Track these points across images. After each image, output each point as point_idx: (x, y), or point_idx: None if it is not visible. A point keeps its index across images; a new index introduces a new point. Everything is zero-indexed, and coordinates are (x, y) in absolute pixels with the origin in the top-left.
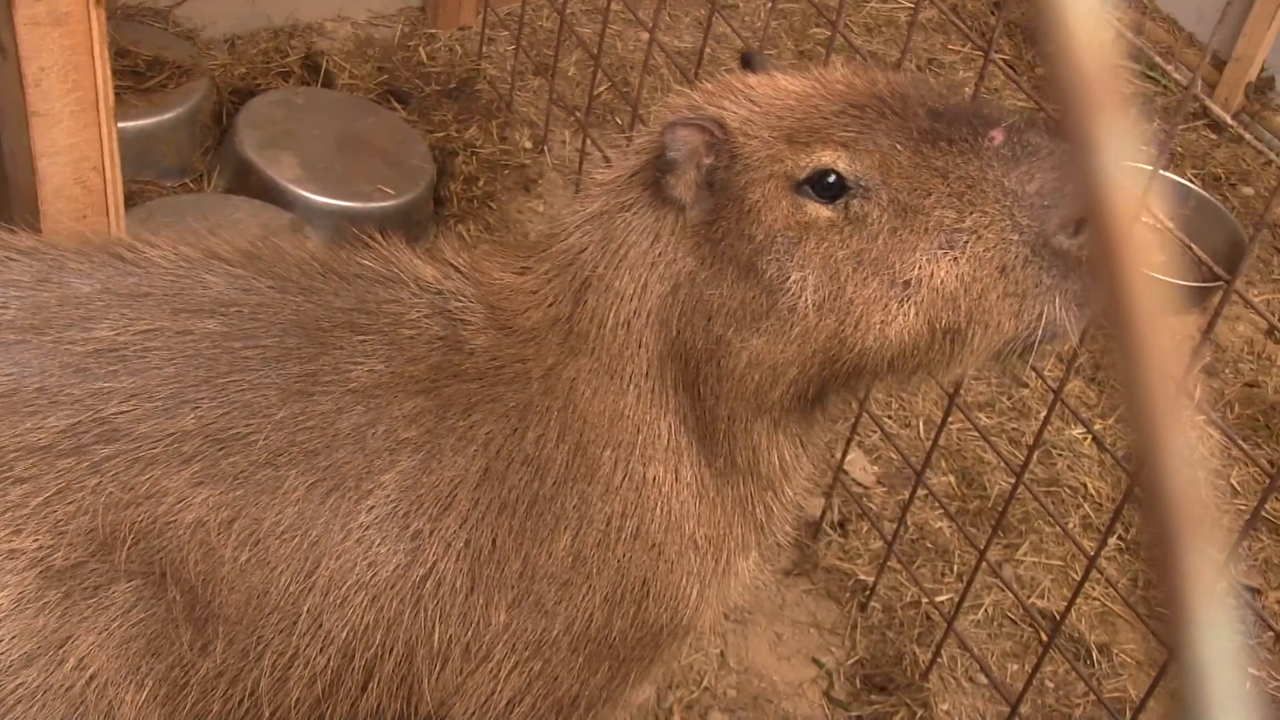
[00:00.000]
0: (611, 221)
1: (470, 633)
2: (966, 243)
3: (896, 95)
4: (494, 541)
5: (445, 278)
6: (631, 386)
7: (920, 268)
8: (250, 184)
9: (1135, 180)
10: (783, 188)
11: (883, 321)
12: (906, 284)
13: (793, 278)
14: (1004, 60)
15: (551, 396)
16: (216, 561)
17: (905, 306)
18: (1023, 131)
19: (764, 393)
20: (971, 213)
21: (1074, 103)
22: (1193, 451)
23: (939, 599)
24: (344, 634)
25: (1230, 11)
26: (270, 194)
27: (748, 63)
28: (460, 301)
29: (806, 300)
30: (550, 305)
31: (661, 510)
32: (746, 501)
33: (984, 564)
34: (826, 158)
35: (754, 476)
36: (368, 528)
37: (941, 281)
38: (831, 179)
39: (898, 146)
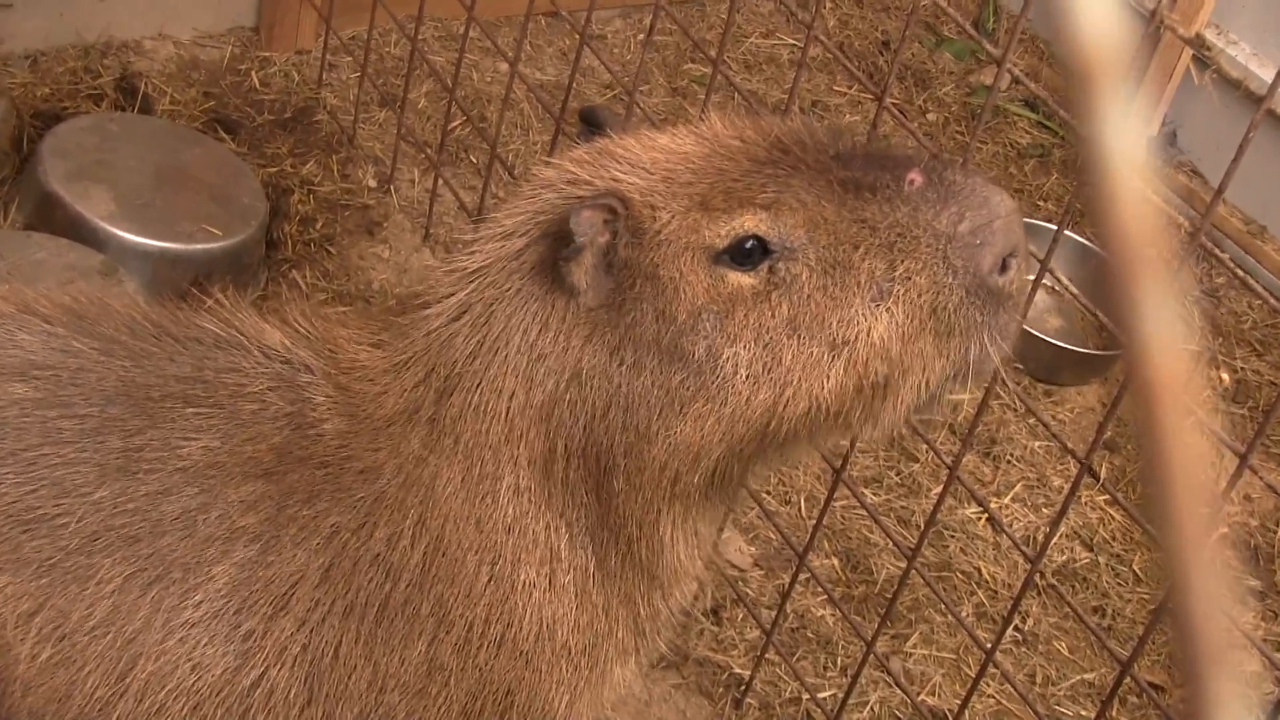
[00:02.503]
0: (489, 312)
1: None
2: (900, 291)
3: (799, 144)
4: (337, 649)
5: (293, 345)
6: (506, 486)
7: (857, 324)
8: (55, 220)
9: (1177, 336)
10: (699, 260)
11: (820, 384)
12: (846, 342)
13: (725, 355)
14: (894, 104)
15: (408, 491)
16: (12, 659)
17: (837, 364)
18: (940, 171)
19: (682, 479)
20: (904, 260)
21: (1118, 262)
22: (1222, 581)
23: (821, 695)
24: None
25: (1133, 64)
26: (79, 232)
27: (590, 119)
28: (308, 376)
29: (741, 376)
30: (411, 391)
31: (532, 617)
32: (634, 602)
33: (871, 656)
34: (749, 223)
35: (649, 574)
36: (193, 625)
37: (879, 335)
38: (750, 244)
39: (822, 201)
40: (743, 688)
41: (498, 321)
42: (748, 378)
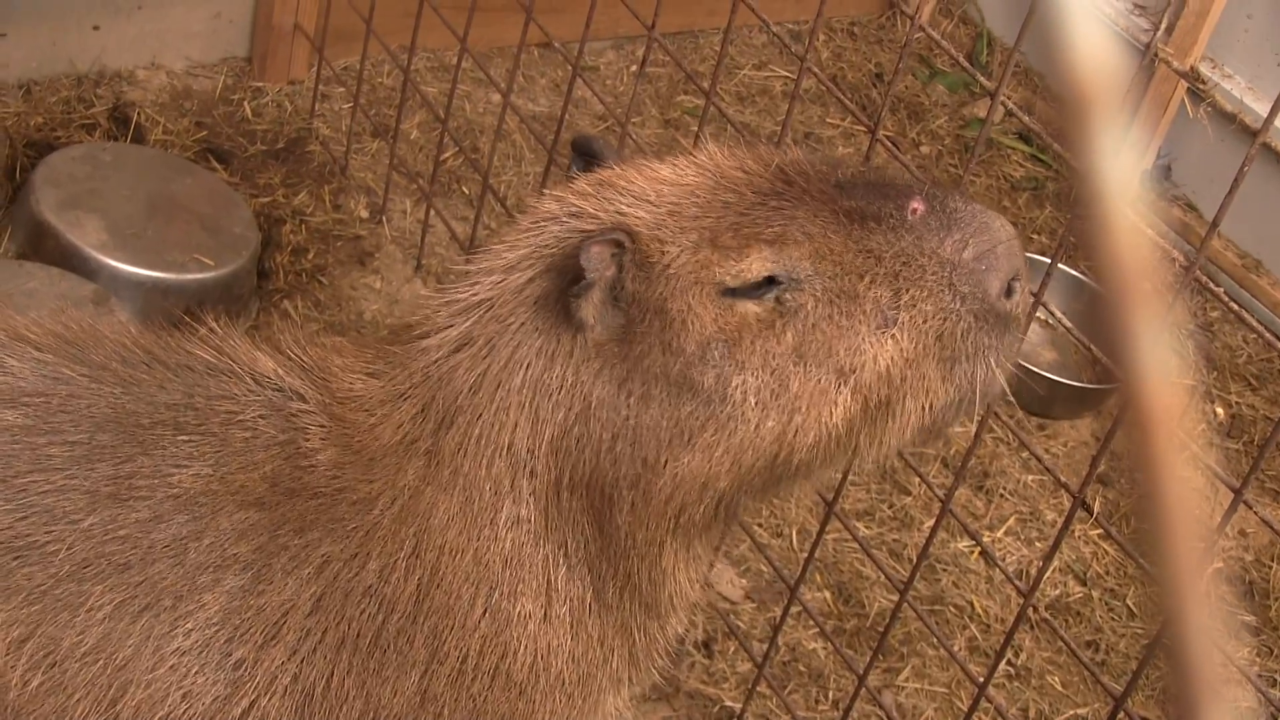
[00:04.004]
0: (491, 345)
1: None
2: (906, 318)
3: (802, 174)
4: (329, 679)
5: (286, 374)
6: (505, 518)
7: (864, 352)
8: (48, 249)
9: (1171, 370)
10: (708, 293)
11: (829, 411)
12: (853, 370)
13: (734, 384)
14: (887, 136)
15: (402, 523)
16: (3, 686)
17: (844, 392)
18: (942, 199)
19: (688, 510)
20: (910, 288)
21: (1113, 295)
22: (1216, 616)
23: None
24: None
25: (1128, 97)
26: (71, 261)
27: (583, 148)
28: (301, 404)
29: (750, 403)
30: (408, 423)
31: (527, 649)
32: (630, 631)
33: (863, 689)
34: (758, 264)
35: (647, 603)
36: (184, 653)
37: (885, 362)
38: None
39: (828, 232)
40: None
41: (501, 355)
42: (756, 405)
